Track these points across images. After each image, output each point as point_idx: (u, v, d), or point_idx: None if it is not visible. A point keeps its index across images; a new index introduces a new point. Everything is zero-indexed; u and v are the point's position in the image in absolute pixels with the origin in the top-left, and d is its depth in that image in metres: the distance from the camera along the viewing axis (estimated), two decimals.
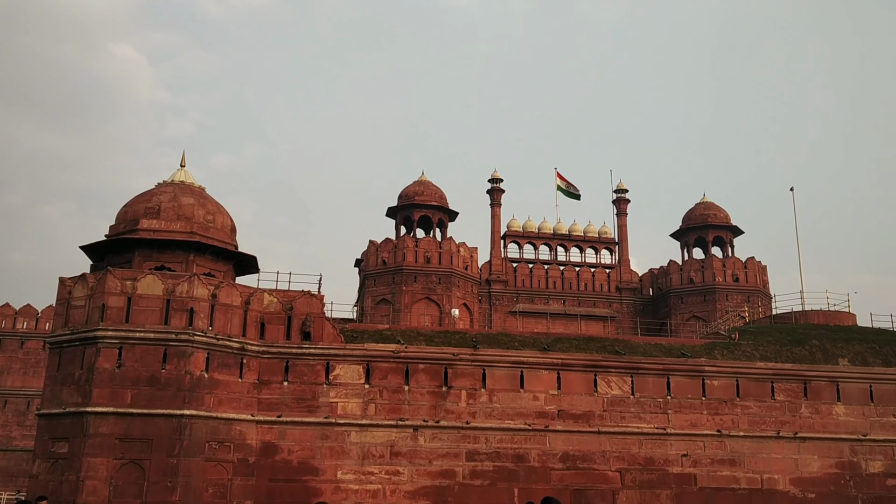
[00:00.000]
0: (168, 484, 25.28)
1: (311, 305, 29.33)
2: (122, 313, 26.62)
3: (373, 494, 27.55)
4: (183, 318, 26.86)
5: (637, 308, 55.68)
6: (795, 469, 30.26)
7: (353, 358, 28.93)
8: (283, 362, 28.49)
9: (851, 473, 30.55)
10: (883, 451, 31.04)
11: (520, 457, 28.83)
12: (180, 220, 29.83)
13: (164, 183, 31.46)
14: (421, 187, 53.90)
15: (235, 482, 26.63)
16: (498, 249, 55.52)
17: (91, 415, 25.42)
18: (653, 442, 29.72)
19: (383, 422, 28.35)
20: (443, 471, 28.28)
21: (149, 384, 26.05)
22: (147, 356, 26.27)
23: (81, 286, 27.46)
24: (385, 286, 50.11)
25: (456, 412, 28.92)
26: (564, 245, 57.70)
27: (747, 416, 30.55)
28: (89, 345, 26.32)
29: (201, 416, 26.23)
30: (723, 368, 30.99)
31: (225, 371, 27.25)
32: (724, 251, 55.66)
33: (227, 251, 30.49)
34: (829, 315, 38.21)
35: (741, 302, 51.41)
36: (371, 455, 28.00)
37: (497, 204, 56.18)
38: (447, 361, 29.41)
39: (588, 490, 28.84)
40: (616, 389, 30.16)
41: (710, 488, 29.54)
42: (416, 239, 51.25)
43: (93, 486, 24.79)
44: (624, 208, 58.17)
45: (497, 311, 53.36)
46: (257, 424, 27.57)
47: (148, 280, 27.11)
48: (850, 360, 32.77)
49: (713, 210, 56.23)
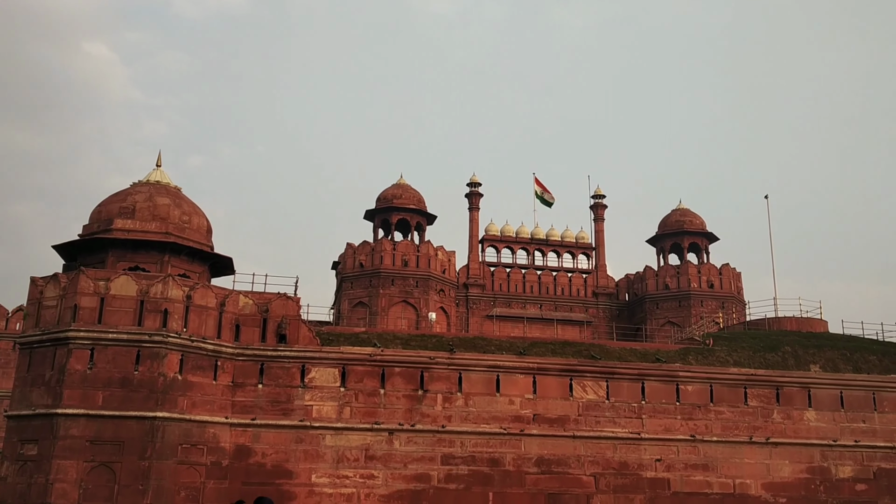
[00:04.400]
0: (139, 487, 24.98)
1: (286, 308, 29.17)
2: (94, 314, 26.28)
3: (347, 498, 27.43)
4: (157, 319, 26.59)
5: (613, 313, 55.99)
6: (767, 474, 30.55)
7: (329, 361, 28.80)
8: (258, 365, 28.30)
9: (822, 478, 30.89)
10: (852, 456, 31.42)
11: (495, 461, 28.85)
12: (155, 220, 29.55)
13: (139, 183, 31.15)
14: (399, 190, 53.84)
15: (208, 485, 26.37)
16: (476, 253, 55.60)
17: (61, 416, 25.06)
18: (627, 447, 29.87)
19: (359, 425, 28.25)
20: (418, 474, 28.23)
21: (121, 386, 25.74)
22: (120, 358, 25.97)
23: (53, 286, 27.10)
24: (362, 289, 49.96)
25: (432, 416, 28.88)
26: (542, 250, 57.92)
27: (720, 422, 30.81)
28: (60, 345, 25.96)
29: (174, 418, 25.97)
30: (697, 374, 31.23)
31: (199, 373, 27.01)
32: (700, 257, 56.16)
33: (202, 252, 30.24)
34: (801, 322, 38.71)
35: (716, 308, 51.88)
36: (346, 458, 27.88)
37: (475, 208, 56.28)
38: (423, 365, 29.37)
39: (563, 494, 28.91)
40: (591, 394, 30.28)
41: (683, 493, 29.74)
42: (394, 242, 51.18)
43: (62, 489, 24.42)
44: (601, 214, 58.50)
45: (474, 315, 53.41)
46: (231, 427, 27.34)
47: (121, 280, 26.81)
48: (821, 366, 33.18)
49: (689, 217, 56.72)
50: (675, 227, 56.33)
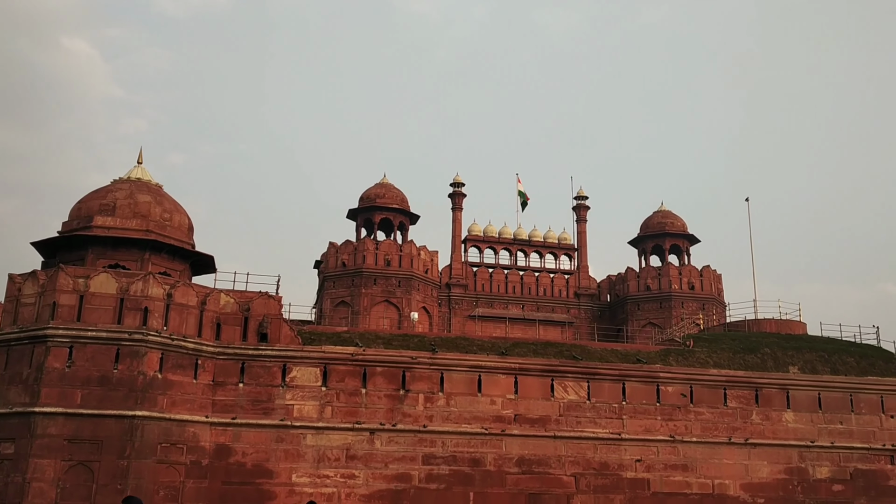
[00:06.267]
0: (118, 486, 24.77)
1: (268, 307, 29.05)
2: (73, 312, 26.06)
3: (328, 498, 27.35)
4: (137, 317, 26.40)
5: (595, 314, 56.21)
6: (746, 475, 30.81)
7: (311, 360, 28.72)
8: (239, 364, 28.17)
9: (799, 479, 31.21)
10: (830, 457, 31.77)
11: (476, 461, 28.89)
12: (136, 217, 29.34)
13: (120, 180, 30.91)
14: (382, 190, 53.75)
15: (188, 484, 26.22)
16: (458, 253, 55.61)
17: (39, 415, 24.82)
18: (607, 447, 30.02)
19: (340, 425, 28.19)
20: (399, 474, 28.22)
21: (100, 384, 25.54)
22: (99, 356, 25.76)
23: (32, 283, 26.83)
24: (344, 288, 49.83)
25: (413, 416, 28.88)
26: (524, 250, 58.03)
27: (700, 423, 31.04)
28: (38, 343, 25.72)
29: (154, 417, 25.79)
30: (677, 375, 31.45)
31: (179, 372, 26.84)
32: (681, 259, 56.51)
33: (183, 250, 30.06)
34: (780, 324, 39.05)
35: (696, 309, 52.19)
36: (327, 458, 27.81)
37: (458, 208, 56.30)
38: (405, 365, 29.36)
39: (543, 494, 29.01)
40: (572, 394, 30.40)
41: (662, 493, 29.93)
42: (377, 241, 51.07)
43: (39, 489, 24.19)
44: (584, 215, 58.71)
45: (456, 315, 53.42)
46: (211, 426, 27.20)
47: (101, 278, 26.59)
48: (800, 367, 33.51)
49: (670, 219, 57.05)
50: (657, 228, 56.64)
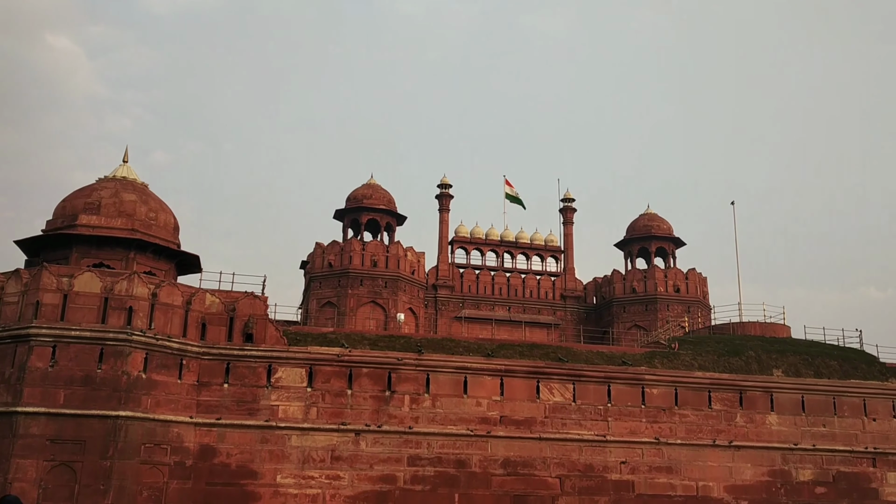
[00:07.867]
0: (101, 487, 24.61)
1: (254, 307, 28.94)
2: (57, 311, 25.86)
3: (312, 499, 27.28)
4: (121, 317, 26.23)
5: (581, 316, 56.32)
6: (729, 477, 30.98)
7: (296, 361, 28.62)
8: (224, 364, 28.04)
9: (783, 481, 31.42)
10: (812, 459, 32.01)
11: (461, 462, 28.89)
12: (121, 216, 29.16)
13: (105, 178, 30.72)
14: (369, 190, 53.66)
15: (171, 485, 26.07)
16: (445, 255, 55.59)
17: (21, 415, 24.62)
18: (593, 449, 30.11)
19: (325, 426, 28.11)
20: (384, 476, 28.17)
21: (83, 384, 25.35)
22: (82, 355, 25.58)
23: (15, 282, 26.60)
24: (330, 289, 49.69)
25: (399, 417, 28.84)
26: (511, 252, 58.11)
27: (685, 425, 31.18)
28: (21, 343, 25.51)
29: (137, 417, 25.63)
30: (662, 377, 31.58)
31: (163, 372, 26.69)
32: (667, 262, 56.73)
33: (168, 250, 29.90)
34: (765, 327, 39.27)
35: (682, 312, 52.39)
36: (312, 459, 27.73)
37: (445, 209, 56.27)
38: (391, 366, 29.32)
39: (528, 496, 29.05)
40: (558, 396, 30.47)
41: (647, 495, 30.04)
42: (364, 242, 50.97)
43: (21, 489, 23.92)
44: (570, 217, 58.83)
45: (443, 316, 53.38)
46: (196, 427, 27.05)
47: (85, 277, 26.41)
48: (783, 370, 33.73)
49: (656, 221, 57.28)
50: (643, 231, 56.85)
